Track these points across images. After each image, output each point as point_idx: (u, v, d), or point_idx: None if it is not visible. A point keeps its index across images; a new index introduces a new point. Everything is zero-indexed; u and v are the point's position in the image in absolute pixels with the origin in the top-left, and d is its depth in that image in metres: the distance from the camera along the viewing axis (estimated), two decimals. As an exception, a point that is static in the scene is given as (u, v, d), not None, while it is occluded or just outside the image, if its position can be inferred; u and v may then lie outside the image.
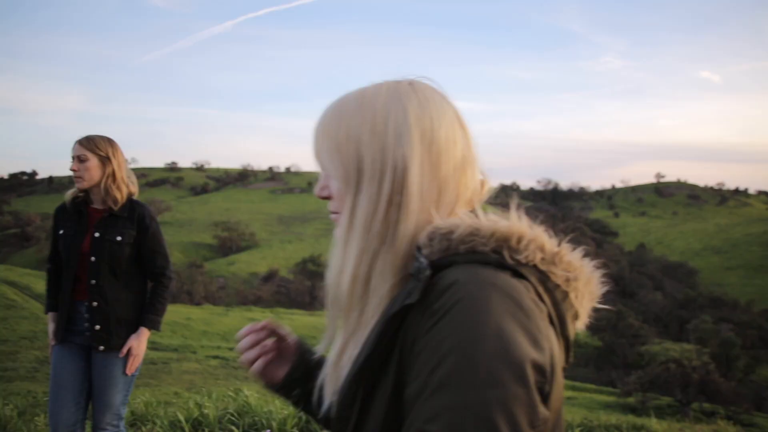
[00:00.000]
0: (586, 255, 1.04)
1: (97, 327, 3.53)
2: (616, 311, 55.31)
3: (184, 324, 39.73)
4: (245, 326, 1.36)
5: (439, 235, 0.99)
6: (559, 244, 1.03)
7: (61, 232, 3.66)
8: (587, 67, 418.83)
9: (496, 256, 0.96)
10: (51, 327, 3.71)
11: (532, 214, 1.02)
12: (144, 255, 3.66)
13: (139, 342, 3.57)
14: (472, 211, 1.05)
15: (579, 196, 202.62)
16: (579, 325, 1.04)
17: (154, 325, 3.65)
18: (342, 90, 1.12)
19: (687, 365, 37.04)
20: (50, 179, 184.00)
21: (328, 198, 1.12)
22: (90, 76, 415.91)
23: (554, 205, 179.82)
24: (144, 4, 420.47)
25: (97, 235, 3.55)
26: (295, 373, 1.36)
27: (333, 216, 1.12)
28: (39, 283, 50.38)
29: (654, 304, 78.84)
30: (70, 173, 3.55)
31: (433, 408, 0.83)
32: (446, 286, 0.91)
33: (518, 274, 0.95)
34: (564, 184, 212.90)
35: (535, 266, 0.98)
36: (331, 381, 1.11)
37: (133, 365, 3.59)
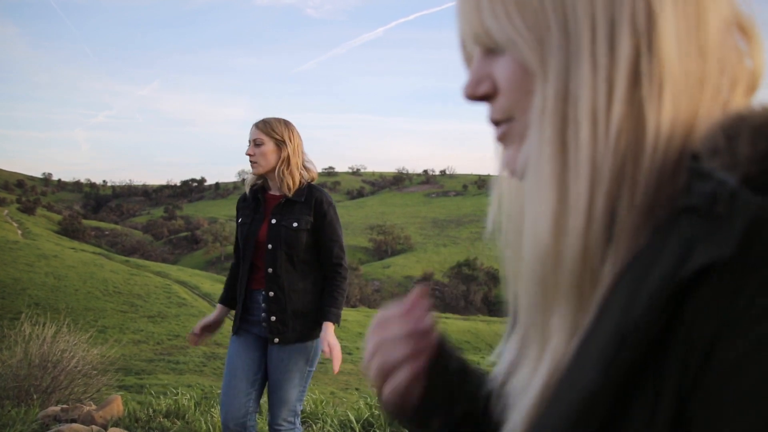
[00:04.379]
0: None
1: (273, 318, 3.38)
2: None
3: (341, 325, 40.78)
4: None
5: (750, 130, 0.47)
6: None
7: (240, 220, 3.57)
8: None
9: None
10: (209, 317, 3.69)
11: None
12: (321, 243, 3.42)
13: (332, 338, 3.35)
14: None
15: None
16: None
17: (337, 319, 3.41)
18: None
19: None
20: (217, 185, 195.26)
21: (487, 97, 0.62)
22: (251, 87, 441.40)
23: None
24: (300, 16, 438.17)
25: (273, 221, 3.40)
26: (436, 395, 0.82)
27: (499, 129, 0.62)
28: (206, 283, 53.39)
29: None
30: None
31: None
32: None
33: None
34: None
35: None
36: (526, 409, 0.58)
37: (337, 363, 3.36)
